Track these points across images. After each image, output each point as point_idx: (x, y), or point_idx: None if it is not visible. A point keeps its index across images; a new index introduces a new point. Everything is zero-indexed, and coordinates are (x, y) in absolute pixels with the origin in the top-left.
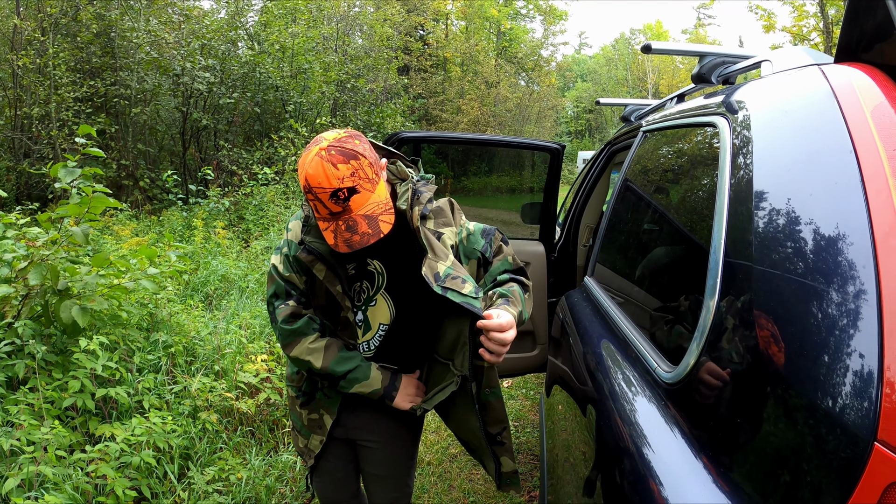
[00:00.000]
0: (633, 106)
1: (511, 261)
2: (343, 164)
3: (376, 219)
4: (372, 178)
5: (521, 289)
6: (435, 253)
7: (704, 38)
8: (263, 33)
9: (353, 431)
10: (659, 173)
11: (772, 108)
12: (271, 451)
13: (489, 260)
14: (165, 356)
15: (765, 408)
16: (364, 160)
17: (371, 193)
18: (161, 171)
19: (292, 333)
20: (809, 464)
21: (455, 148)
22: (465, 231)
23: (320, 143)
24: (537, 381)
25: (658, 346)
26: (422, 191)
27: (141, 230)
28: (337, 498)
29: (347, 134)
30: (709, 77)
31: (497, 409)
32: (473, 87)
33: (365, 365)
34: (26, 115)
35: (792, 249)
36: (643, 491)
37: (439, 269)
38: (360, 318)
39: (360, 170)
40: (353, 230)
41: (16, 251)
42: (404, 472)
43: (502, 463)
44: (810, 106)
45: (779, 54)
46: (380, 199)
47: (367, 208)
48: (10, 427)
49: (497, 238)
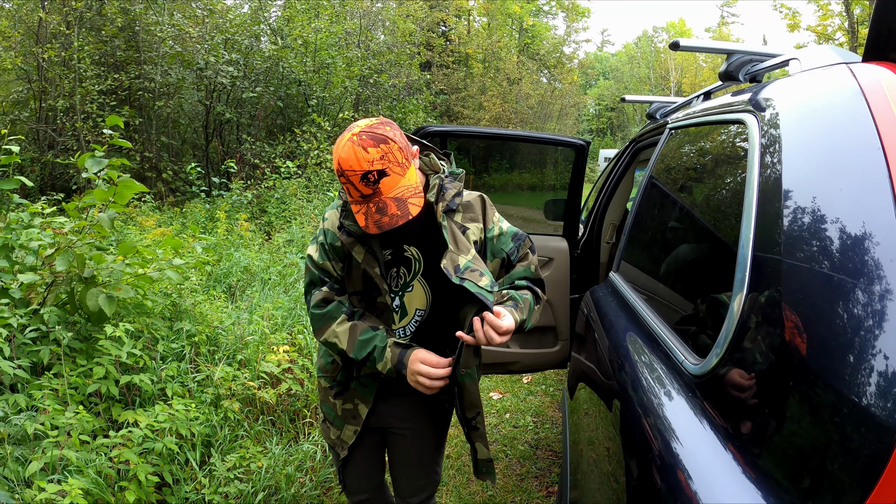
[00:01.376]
0: (658, 103)
1: (533, 270)
2: (373, 148)
3: (405, 201)
4: (402, 162)
5: (533, 299)
6: (457, 247)
7: (728, 36)
8: (286, 28)
9: (386, 419)
10: (686, 170)
11: (801, 105)
12: (291, 441)
13: (513, 263)
14: (189, 345)
15: (791, 400)
16: (394, 144)
17: (401, 177)
18: (184, 164)
19: (321, 318)
20: (835, 457)
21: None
22: (497, 229)
23: (353, 129)
24: (557, 378)
25: (685, 339)
26: (447, 187)
27: (164, 221)
28: (364, 489)
29: (379, 121)
30: (736, 75)
31: (472, 393)
32: (495, 83)
33: (381, 346)
34: (51, 107)
35: (820, 245)
36: (671, 482)
37: (460, 261)
38: (397, 304)
39: (389, 153)
40: (382, 212)
41: (42, 240)
42: (432, 459)
43: (478, 450)
44: (839, 104)
45: (807, 52)
46: (409, 183)
47: (397, 191)
48: (35, 412)
49: (526, 245)
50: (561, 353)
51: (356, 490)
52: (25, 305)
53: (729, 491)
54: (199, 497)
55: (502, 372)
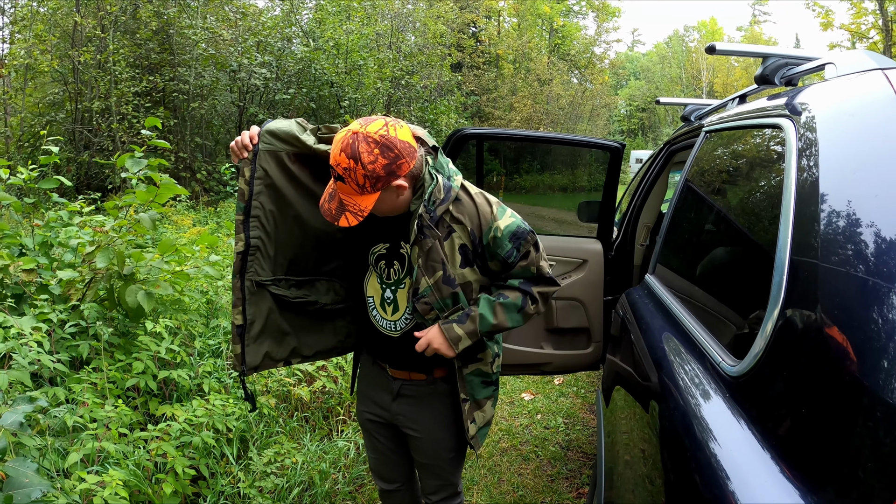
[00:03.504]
0: (693, 105)
1: (534, 270)
2: (346, 156)
3: (345, 211)
4: (361, 185)
5: (522, 298)
6: (426, 265)
7: (760, 35)
8: (318, 30)
9: (397, 418)
10: (722, 173)
11: (837, 110)
12: (325, 438)
13: (511, 264)
14: (225, 342)
15: (828, 402)
16: (359, 169)
17: (353, 193)
18: (217, 164)
19: None
20: (873, 459)
21: (507, 145)
22: (493, 232)
23: (358, 126)
24: (588, 381)
25: (722, 340)
26: (436, 197)
27: (199, 220)
28: (388, 476)
29: (380, 136)
30: (772, 78)
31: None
32: (526, 84)
33: None
34: (87, 108)
35: (856, 249)
36: (708, 482)
37: (421, 285)
38: (388, 297)
39: (352, 171)
40: (332, 198)
41: (81, 238)
42: (448, 463)
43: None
44: (875, 109)
45: (842, 57)
46: (358, 203)
47: (345, 198)
48: (74, 405)
49: (527, 243)
50: (594, 355)
51: (379, 473)
52: (64, 301)
53: (766, 491)
54: (235, 491)
55: (534, 373)
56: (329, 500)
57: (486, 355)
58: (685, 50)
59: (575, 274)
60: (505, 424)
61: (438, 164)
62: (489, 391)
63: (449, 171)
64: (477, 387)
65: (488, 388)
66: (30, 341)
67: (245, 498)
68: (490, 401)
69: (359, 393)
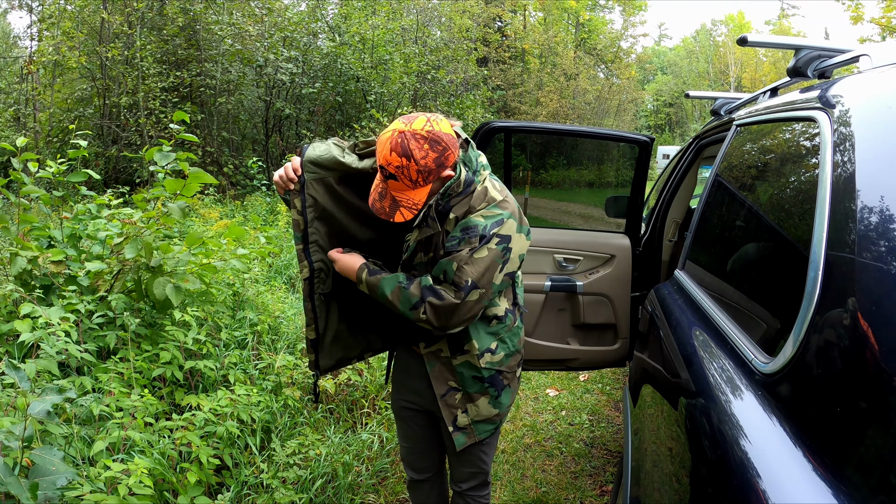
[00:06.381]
0: (723, 100)
1: (453, 268)
2: (397, 155)
3: (398, 207)
4: (414, 179)
5: (417, 301)
6: (422, 249)
7: (788, 29)
8: (344, 25)
9: (432, 404)
10: (754, 167)
11: (873, 102)
12: (349, 430)
13: (447, 253)
14: (251, 333)
15: (863, 399)
16: (412, 165)
17: (407, 189)
18: (244, 158)
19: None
20: None
21: (533, 140)
22: (466, 221)
23: (402, 124)
24: (614, 377)
25: (754, 337)
26: (433, 202)
27: (226, 214)
28: (419, 465)
29: (424, 127)
30: (805, 71)
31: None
32: (552, 78)
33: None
34: (114, 103)
35: (893, 244)
36: (740, 480)
37: (416, 259)
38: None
39: (404, 168)
40: (382, 198)
41: (109, 230)
42: (479, 451)
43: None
44: None
45: (877, 49)
46: (412, 197)
47: (398, 195)
48: (100, 394)
49: (471, 241)
50: (620, 351)
51: (409, 461)
52: (92, 293)
53: (799, 490)
54: (258, 481)
55: (560, 368)
56: (352, 492)
57: (471, 347)
58: (713, 44)
59: (602, 269)
60: (529, 420)
61: (467, 158)
62: (481, 387)
63: (477, 165)
64: (468, 380)
65: (479, 384)
66: (58, 331)
67: (268, 488)
68: (484, 398)
69: (394, 381)
